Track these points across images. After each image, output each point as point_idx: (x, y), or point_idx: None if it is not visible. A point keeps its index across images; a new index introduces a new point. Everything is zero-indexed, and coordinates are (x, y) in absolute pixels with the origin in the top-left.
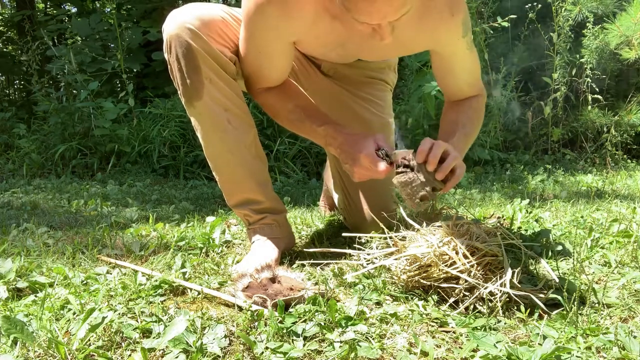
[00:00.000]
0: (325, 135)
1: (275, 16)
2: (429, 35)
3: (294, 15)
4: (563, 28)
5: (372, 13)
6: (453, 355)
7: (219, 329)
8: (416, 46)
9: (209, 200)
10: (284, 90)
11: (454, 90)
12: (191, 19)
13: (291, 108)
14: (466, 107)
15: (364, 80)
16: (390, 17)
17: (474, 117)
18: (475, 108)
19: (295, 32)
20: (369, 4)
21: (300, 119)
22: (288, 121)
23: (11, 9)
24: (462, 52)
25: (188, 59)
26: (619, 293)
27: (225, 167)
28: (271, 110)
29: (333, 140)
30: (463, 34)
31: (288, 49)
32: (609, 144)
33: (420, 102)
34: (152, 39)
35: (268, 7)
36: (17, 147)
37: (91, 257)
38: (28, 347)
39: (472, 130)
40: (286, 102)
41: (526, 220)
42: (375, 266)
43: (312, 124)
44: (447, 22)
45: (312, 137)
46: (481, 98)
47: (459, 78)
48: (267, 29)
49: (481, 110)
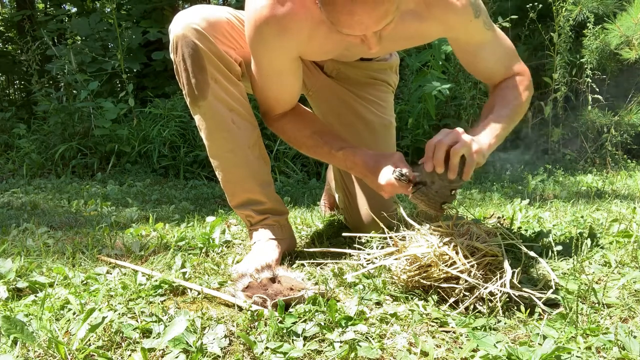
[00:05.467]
0: (345, 160)
1: (273, 35)
2: (438, 23)
3: (291, 31)
4: (563, 28)
5: (353, 26)
6: (453, 355)
7: (219, 329)
8: (426, 36)
9: (209, 200)
10: (299, 117)
11: (488, 74)
12: (198, 20)
13: (308, 134)
14: (502, 87)
15: (367, 81)
16: (372, 29)
17: (510, 96)
18: (512, 86)
19: (296, 46)
20: (349, 17)
21: (318, 145)
22: (306, 147)
23: (11, 9)
24: (481, 33)
25: (194, 59)
26: (619, 293)
27: (228, 167)
28: (288, 137)
29: (354, 165)
30: (475, 15)
31: (295, 66)
32: (609, 144)
33: (420, 102)
34: (152, 38)
35: (265, 27)
36: (17, 147)
37: (91, 257)
38: (28, 347)
39: (511, 112)
40: (303, 129)
41: (526, 220)
42: (375, 266)
43: (331, 149)
44: (453, 7)
45: (332, 162)
46: (520, 77)
47: (487, 60)
48: (269, 49)
49: (518, 87)
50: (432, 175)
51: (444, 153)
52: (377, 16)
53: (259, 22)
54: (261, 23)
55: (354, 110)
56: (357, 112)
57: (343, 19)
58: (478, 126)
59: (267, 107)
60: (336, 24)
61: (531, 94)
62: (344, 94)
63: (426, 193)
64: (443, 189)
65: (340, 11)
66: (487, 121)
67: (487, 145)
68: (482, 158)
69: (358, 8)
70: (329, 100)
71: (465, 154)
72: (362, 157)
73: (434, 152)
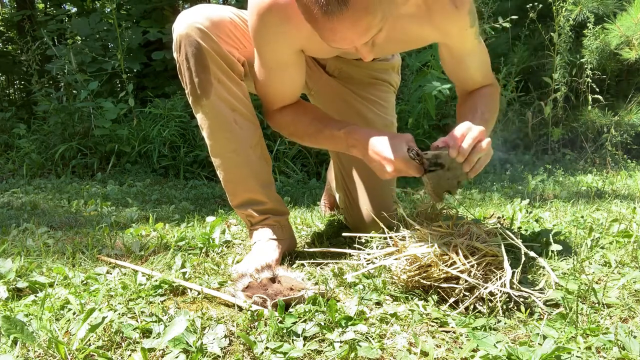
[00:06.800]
0: (347, 138)
1: (277, 23)
2: (436, 29)
3: (294, 20)
4: (563, 28)
5: (338, 41)
6: (453, 355)
7: (219, 329)
8: (422, 40)
9: (209, 200)
10: (297, 109)
11: (467, 82)
12: (201, 19)
13: (308, 122)
14: (482, 94)
15: (369, 81)
16: (359, 42)
17: (491, 103)
18: (491, 94)
19: (299, 38)
20: (332, 34)
21: (318, 130)
22: (307, 136)
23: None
24: (471, 42)
25: (197, 59)
26: (619, 293)
27: (229, 167)
28: (289, 128)
29: (356, 141)
30: (471, 24)
31: (298, 59)
32: (609, 144)
33: (420, 102)
34: (152, 38)
35: (269, 15)
36: (17, 147)
37: (91, 257)
38: (28, 347)
39: (491, 117)
40: (302, 118)
41: (526, 220)
42: (375, 266)
43: (332, 130)
44: (452, 15)
45: (333, 143)
46: (494, 88)
47: (470, 67)
48: (272, 39)
49: (496, 98)
50: (452, 161)
51: (472, 146)
52: (359, 31)
53: (262, 10)
54: (264, 11)
55: (356, 109)
56: (359, 111)
57: (326, 35)
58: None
59: (268, 102)
60: (324, 40)
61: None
62: (345, 93)
63: (440, 176)
64: (453, 179)
65: (322, 28)
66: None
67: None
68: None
69: (338, 25)
70: (331, 100)
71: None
72: (365, 135)
73: (462, 140)
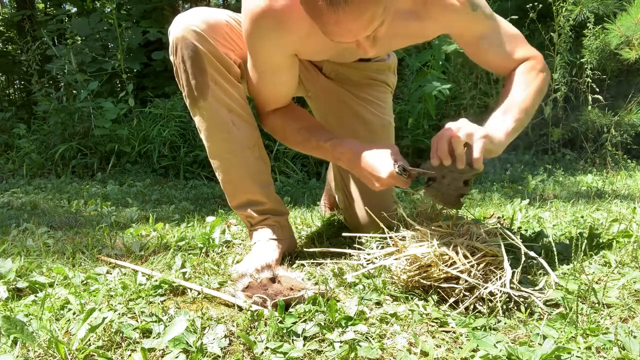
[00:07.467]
0: (333, 150)
1: (270, 28)
2: (437, 22)
3: (288, 25)
4: (563, 28)
5: (343, 34)
6: (453, 355)
7: (219, 329)
8: (425, 35)
9: (209, 200)
10: (288, 114)
11: (496, 63)
12: (197, 22)
13: (296, 129)
14: (517, 73)
15: (365, 81)
16: (362, 34)
17: (526, 80)
18: (525, 71)
19: (292, 42)
20: (336, 27)
21: (306, 139)
22: (296, 143)
23: (11, 9)
24: (481, 24)
25: (194, 61)
26: (619, 293)
27: (228, 168)
28: (279, 133)
29: (341, 155)
30: (472, 8)
31: (291, 63)
32: (609, 144)
33: (420, 102)
34: (152, 38)
35: (263, 20)
36: (17, 147)
37: (91, 257)
38: (28, 347)
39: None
40: (292, 123)
41: (526, 220)
42: (375, 266)
43: (319, 141)
44: (450, 6)
45: (320, 153)
46: (532, 61)
47: (490, 50)
48: (266, 43)
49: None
50: (440, 169)
51: (446, 144)
52: (364, 22)
53: (256, 15)
54: (258, 16)
55: (354, 110)
56: (357, 112)
57: (331, 29)
58: (492, 114)
59: (260, 103)
60: (327, 35)
61: (548, 75)
62: (343, 95)
63: (438, 188)
64: (455, 181)
65: (327, 22)
66: (501, 107)
67: (499, 131)
68: (492, 143)
69: (343, 17)
70: (328, 102)
71: (468, 141)
72: (350, 146)
73: (437, 145)
